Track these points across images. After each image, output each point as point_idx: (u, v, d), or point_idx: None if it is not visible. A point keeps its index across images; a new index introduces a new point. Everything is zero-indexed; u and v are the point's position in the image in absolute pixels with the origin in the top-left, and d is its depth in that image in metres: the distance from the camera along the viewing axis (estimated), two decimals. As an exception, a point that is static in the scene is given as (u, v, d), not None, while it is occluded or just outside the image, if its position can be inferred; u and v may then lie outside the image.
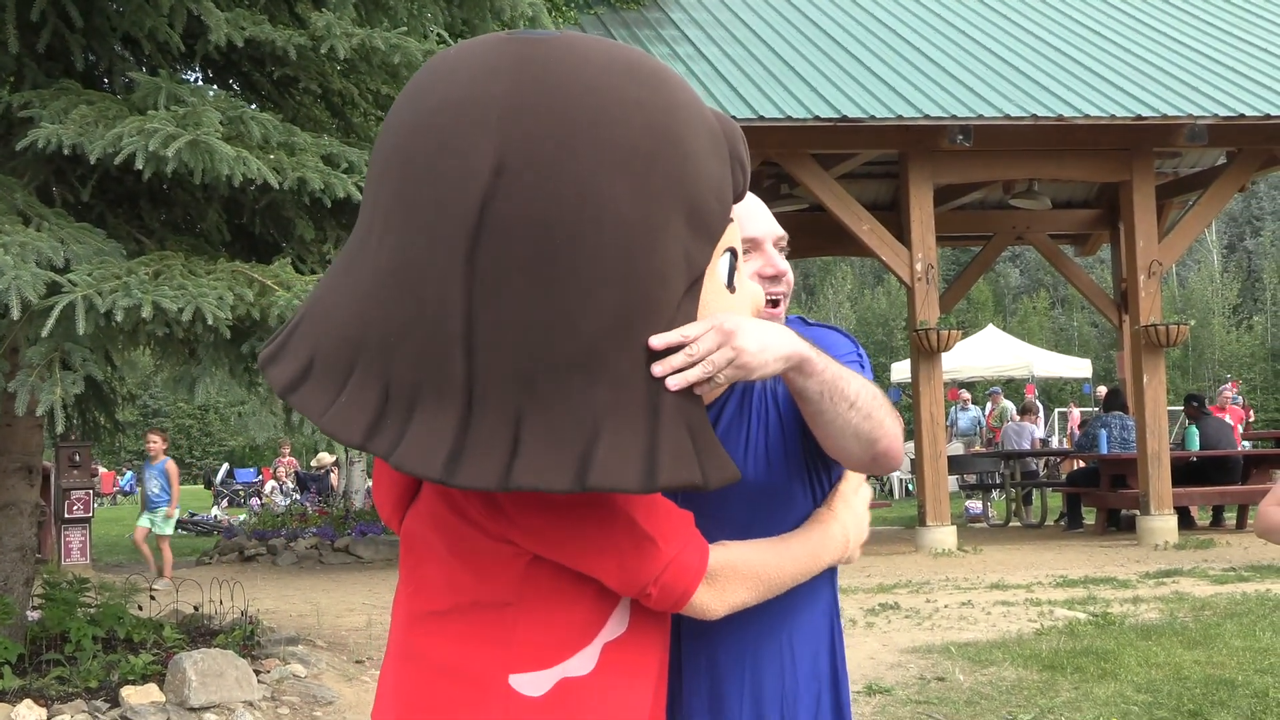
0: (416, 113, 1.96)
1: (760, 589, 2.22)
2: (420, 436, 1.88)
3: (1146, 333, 16.91)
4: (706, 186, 1.99)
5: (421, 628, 2.15)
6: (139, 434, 71.06)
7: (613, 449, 1.88)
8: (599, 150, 1.88)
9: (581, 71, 1.94)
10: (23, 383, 7.05)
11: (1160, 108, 16.38)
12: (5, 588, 8.92)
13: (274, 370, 2.04)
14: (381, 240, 1.95)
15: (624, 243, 1.88)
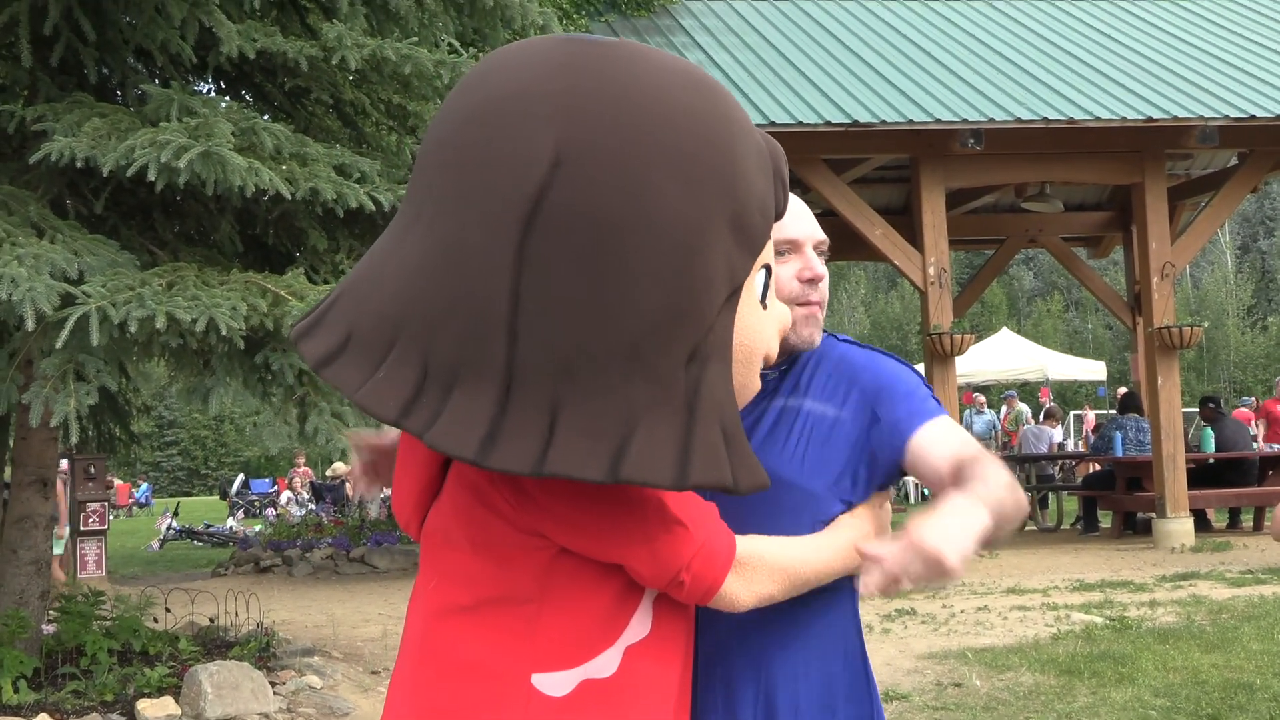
0: (477, 101, 1.99)
1: (786, 583, 2.22)
2: (456, 417, 1.90)
3: (1160, 335, 16.87)
4: (752, 199, 2.02)
5: (442, 625, 2.14)
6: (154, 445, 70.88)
7: (647, 444, 1.90)
8: (655, 151, 1.92)
9: (641, 75, 1.98)
10: (37, 394, 7.06)
11: (1171, 109, 16.36)
12: (21, 601, 8.93)
13: (308, 344, 2.05)
14: (433, 223, 1.97)
15: (673, 243, 1.92)
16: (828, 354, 2.82)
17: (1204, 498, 17.67)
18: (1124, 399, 19.97)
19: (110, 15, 8.48)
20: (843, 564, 2.30)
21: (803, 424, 2.71)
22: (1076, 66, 17.98)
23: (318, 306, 2.12)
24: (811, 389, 2.76)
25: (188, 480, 76.28)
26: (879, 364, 2.78)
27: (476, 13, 9.75)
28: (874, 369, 2.77)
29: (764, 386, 2.74)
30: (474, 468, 2.05)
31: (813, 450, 2.68)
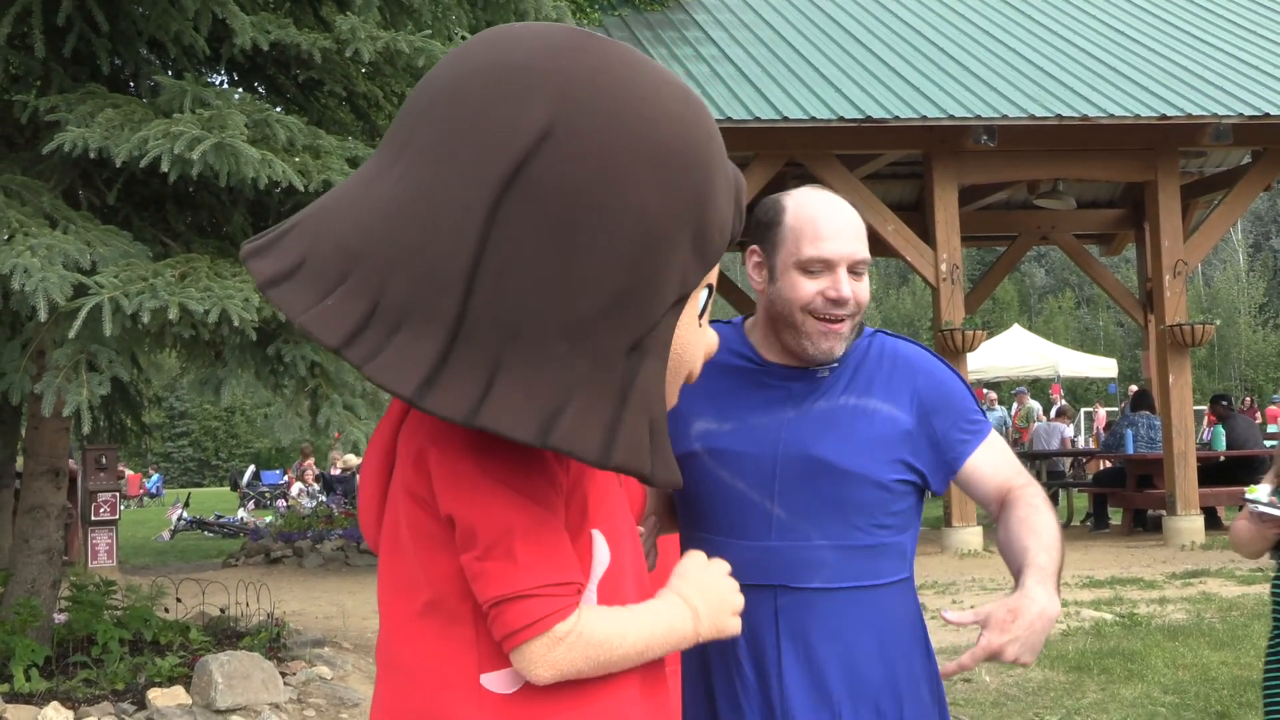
0: (477, 66, 2.03)
1: (593, 665, 2.09)
2: (399, 354, 1.92)
3: (1172, 332, 16.85)
4: (715, 219, 2.08)
5: (398, 634, 2.17)
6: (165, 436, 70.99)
7: (579, 417, 1.94)
8: (640, 146, 1.97)
9: (639, 77, 2.04)
10: (49, 384, 7.08)
11: (1185, 107, 16.33)
12: (32, 590, 8.95)
13: (258, 263, 2.06)
14: (410, 169, 2.00)
15: (639, 235, 1.96)
16: (885, 352, 2.97)
17: (1214, 495, 17.64)
18: (1135, 396, 19.95)
19: (123, 6, 8.49)
20: (653, 645, 2.16)
21: (869, 421, 2.87)
22: (1090, 63, 17.96)
23: (272, 230, 2.13)
24: (875, 388, 2.91)
25: (199, 471, 76.38)
26: (935, 370, 2.97)
27: (490, 6, 9.76)
28: (931, 374, 2.95)
29: (824, 385, 2.91)
30: (409, 471, 2.10)
31: (879, 447, 2.85)
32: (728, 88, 16.15)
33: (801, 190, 2.99)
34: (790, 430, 2.88)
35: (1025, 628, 2.52)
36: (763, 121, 15.26)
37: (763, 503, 2.86)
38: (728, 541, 2.88)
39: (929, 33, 18.97)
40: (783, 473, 2.86)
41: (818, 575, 2.83)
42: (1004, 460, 2.95)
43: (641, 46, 17.57)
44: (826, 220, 2.89)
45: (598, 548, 2.19)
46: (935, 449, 2.90)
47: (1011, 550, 2.75)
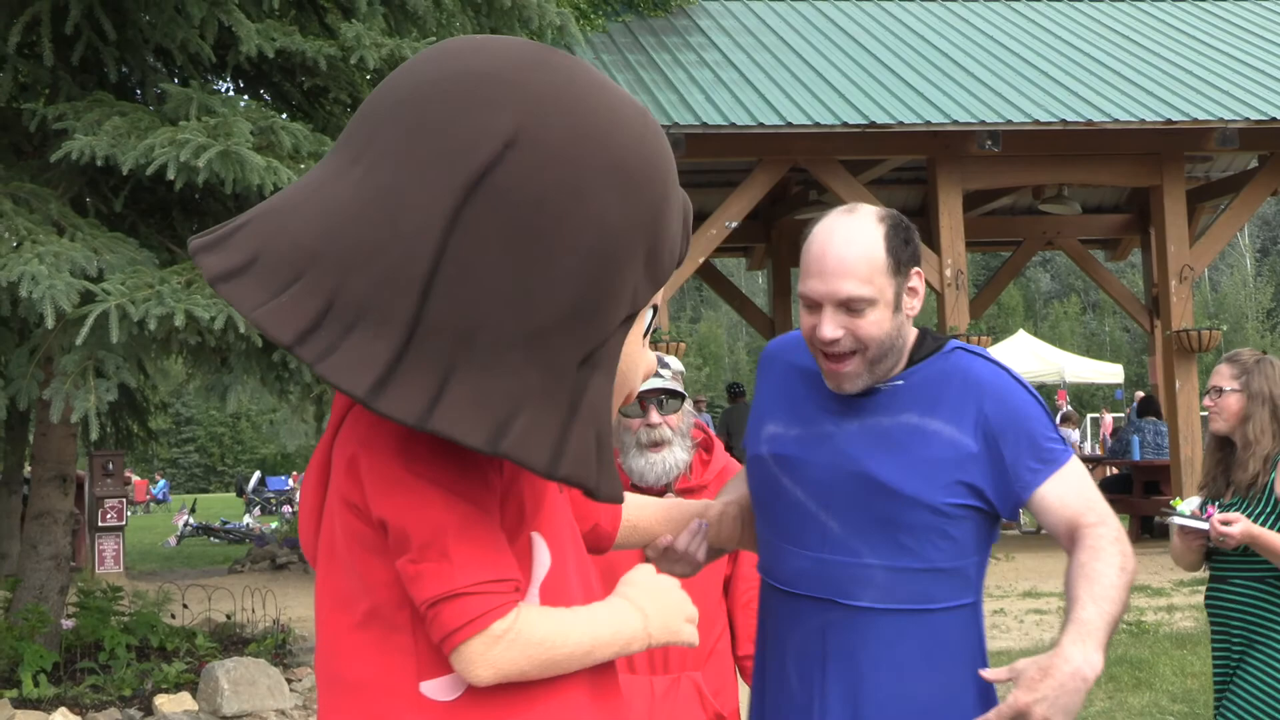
0: (443, 72, 2.02)
1: (536, 665, 2.07)
2: (352, 354, 1.91)
3: (1179, 338, 16.84)
4: (668, 239, 2.09)
5: (337, 647, 2.15)
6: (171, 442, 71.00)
7: (530, 427, 1.94)
8: (603, 161, 1.98)
9: (601, 89, 2.06)
10: (57, 391, 7.10)
11: (1191, 112, 16.33)
12: (40, 596, 8.98)
13: (208, 258, 2.04)
14: (371, 171, 1.99)
15: (597, 249, 1.97)
16: (957, 370, 2.89)
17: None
18: (1142, 402, 19.95)
19: (130, 14, 8.52)
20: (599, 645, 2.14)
21: (927, 442, 2.80)
22: (1095, 68, 17.96)
23: (220, 227, 2.11)
24: (940, 408, 2.83)
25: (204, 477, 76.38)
26: (1006, 393, 2.86)
27: (494, 13, 9.78)
28: (1001, 398, 2.85)
29: (890, 400, 2.85)
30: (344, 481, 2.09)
31: (936, 469, 2.78)
32: (731, 93, 16.16)
33: (829, 215, 2.91)
34: (850, 444, 2.83)
35: (1055, 688, 2.49)
36: (766, 127, 15.26)
37: (818, 514, 2.84)
38: (787, 547, 2.89)
39: (933, 38, 18.98)
40: (839, 487, 2.82)
41: (866, 594, 2.79)
42: (1076, 494, 2.84)
43: (645, 52, 17.60)
44: (818, 256, 2.81)
45: (538, 550, 2.18)
46: (1002, 477, 2.81)
47: (1067, 599, 2.72)
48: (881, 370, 2.83)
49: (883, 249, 2.81)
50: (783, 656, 2.89)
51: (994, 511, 2.85)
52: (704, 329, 78.87)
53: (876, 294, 2.77)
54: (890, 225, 2.86)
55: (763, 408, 3.02)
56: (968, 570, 2.86)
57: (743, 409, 18.63)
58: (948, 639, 2.83)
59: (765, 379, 3.09)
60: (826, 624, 2.82)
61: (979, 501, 2.81)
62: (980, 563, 2.91)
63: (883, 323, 2.78)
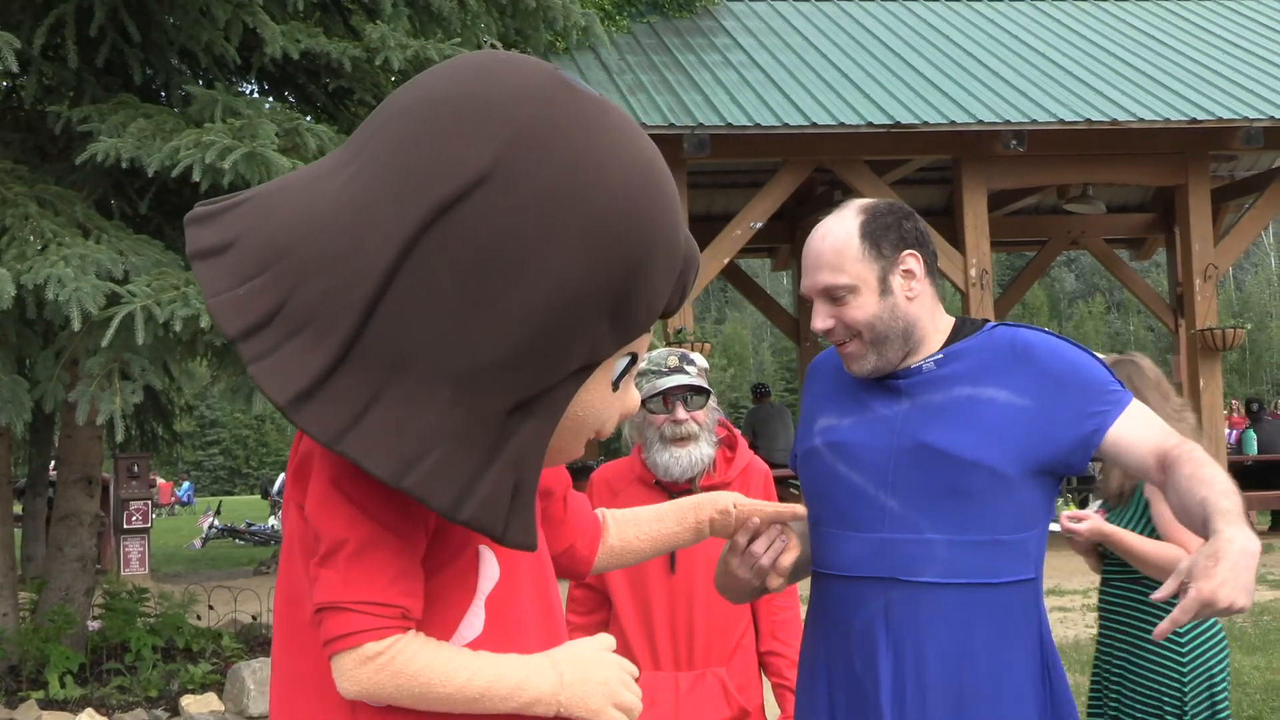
0: (447, 92, 2.01)
1: (408, 696, 2.05)
2: (286, 361, 1.92)
3: (1203, 337, 16.79)
4: (642, 299, 2.05)
5: (291, 644, 2.17)
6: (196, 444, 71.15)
7: (440, 466, 1.93)
8: (577, 208, 1.95)
9: (600, 135, 2.01)
10: (83, 393, 7.12)
11: (1215, 111, 16.28)
12: (66, 598, 9.01)
13: (197, 230, 2.06)
14: (355, 177, 1.99)
15: (554, 299, 1.94)
16: (1003, 340, 2.93)
17: (1246, 500, 17.52)
18: (1167, 401, 19.85)
19: (155, 16, 8.54)
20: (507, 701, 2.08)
21: (984, 409, 2.83)
22: (1119, 67, 17.91)
23: (226, 198, 2.13)
24: (990, 376, 2.87)
25: (229, 479, 76.66)
26: (1058, 349, 2.91)
27: (519, 14, 9.78)
28: (1054, 353, 2.90)
29: (939, 380, 2.90)
30: (294, 480, 2.11)
31: (994, 433, 2.80)
32: (756, 94, 16.15)
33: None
34: (904, 422, 2.88)
35: (1230, 568, 2.43)
36: (791, 128, 15.25)
37: (877, 495, 2.87)
38: (843, 534, 2.91)
39: (957, 38, 18.94)
40: (896, 464, 2.85)
41: (928, 569, 2.80)
42: (1151, 424, 2.85)
43: (670, 53, 17.60)
44: (805, 255, 2.97)
45: (485, 563, 2.18)
46: (1072, 424, 2.82)
47: (1189, 508, 2.66)
48: (891, 352, 2.91)
49: (856, 236, 2.90)
50: (844, 641, 2.90)
51: (1062, 471, 2.85)
52: (729, 330, 78.86)
53: (854, 280, 2.88)
54: (870, 214, 2.94)
55: (812, 409, 3.08)
56: (1028, 544, 2.87)
57: (768, 410, 18.61)
58: (1010, 614, 2.84)
59: (812, 387, 3.15)
60: (889, 603, 2.83)
61: (1042, 462, 2.83)
62: (1040, 536, 2.91)
63: (867, 307, 2.88)
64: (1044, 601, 2.95)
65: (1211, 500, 2.60)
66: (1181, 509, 2.69)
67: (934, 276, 2.98)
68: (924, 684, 2.80)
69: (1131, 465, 2.85)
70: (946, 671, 2.80)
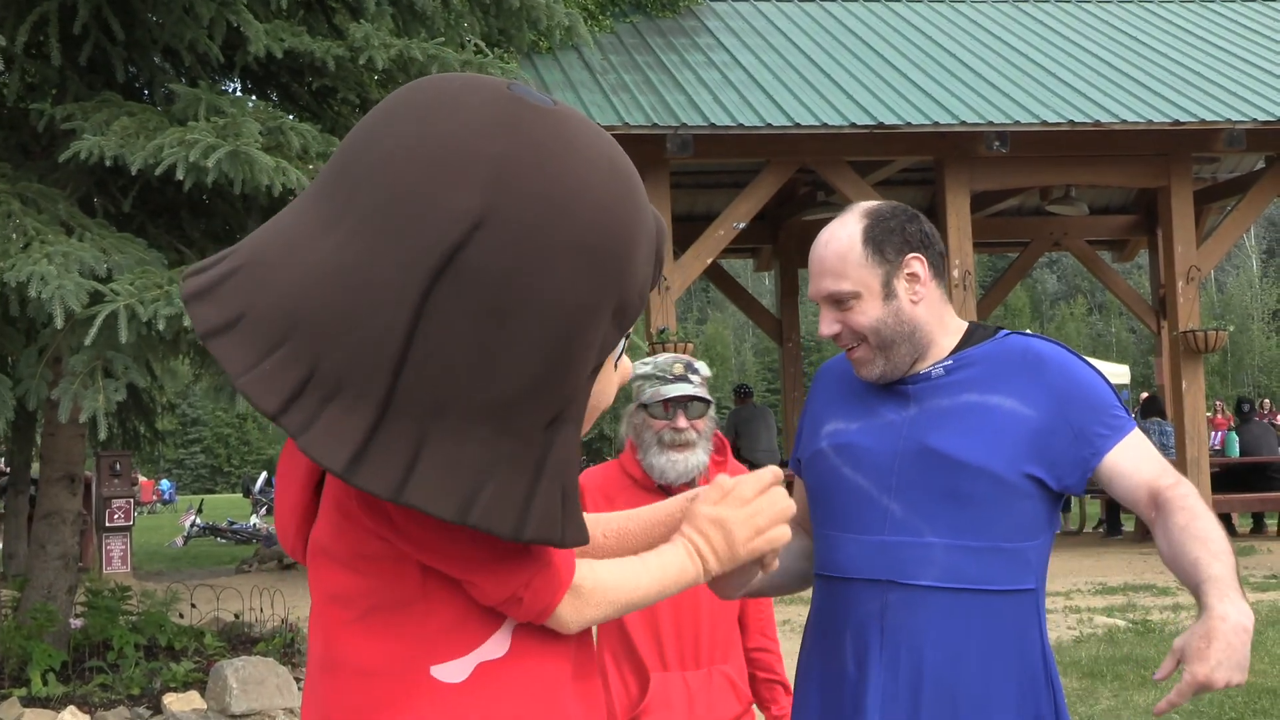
0: (414, 137, 2.08)
1: (616, 609, 2.26)
2: (330, 428, 1.98)
3: (1185, 338, 16.83)
4: (636, 287, 2.16)
5: (338, 638, 2.22)
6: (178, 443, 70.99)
7: (497, 495, 2.02)
8: (566, 238, 2.05)
9: (570, 152, 2.10)
10: (65, 391, 7.11)
11: (1198, 113, 16.32)
12: (49, 596, 8.99)
13: (200, 308, 2.09)
14: (351, 238, 2.04)
15: (560, 322, 2.05)
16: (1015, 350, 2.94)
17: (1228, 502, 17.62)
18: (1146, 403, 19.93)
19: (138, 15, 8.53)
20: (674, 583, 2.30)
21: (990, 416, 2.84)
22: (1102, 69, 17.95)
23: (213, 266, 2.16)
24: (1000, 385, 2.88)
25: (211, 478, 76.53)
26: (1070, 366, 2.91)
27: (502, 13, 9.79)
28: (1065, 369, 2.90)
29: (947, 385, 2.91)
30: (339, 488, 2.17)
31: (999, 441, 2.82)
32: (740, 94, 16.16)
33: None
34: (911, 427, 2.89)
35: (1224, 649, 2.48)
36: (775, 128, 15.27)
37: (880, 498, 2.88)
38: (843, 536, 2.92)
39: (941, 39, 18.98)
40: (901, 467, 2.87)
41: (926, 573, 2.81)
42: (1148, 457, 2.87)
43: (653, 53, 17.61)
44: (810, 261, 2.98)
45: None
46: (1073, 444, 2.83)
47: (1181, 564, 2.69)
48: (899, 357, 2.91)
49: (859, 241, 2.91)
50: (839, 641, 2.91)
51: (1057, 488, 2.86)
52: (711, 330, 78.86)
53: (857, 286, 2.89)
54: (873, 218, 2.95)
55: (819, 413, 3.10)
56: (1028, 554, 2.88)
57: (750, 410, 18.64)
58: (1006, 623, 2.85)
59: (820, 390, 3.17)
60: (885, 605, 2.84)
61: (1044, 474, 2.84)
62: (1042, 547, 2.92)
63: (871, 311, 2.89)
64: (1044, 613, 2.96)
65: (1204, 563, 2.63)
66: (1172, 559, 2.73)
67: (941, 278, 2.97)
68: (916, 687, 2.81)
69: (1123, 495, 2.86)
70: (939, 676, 2.80)
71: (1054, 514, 2.92)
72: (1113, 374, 35.03)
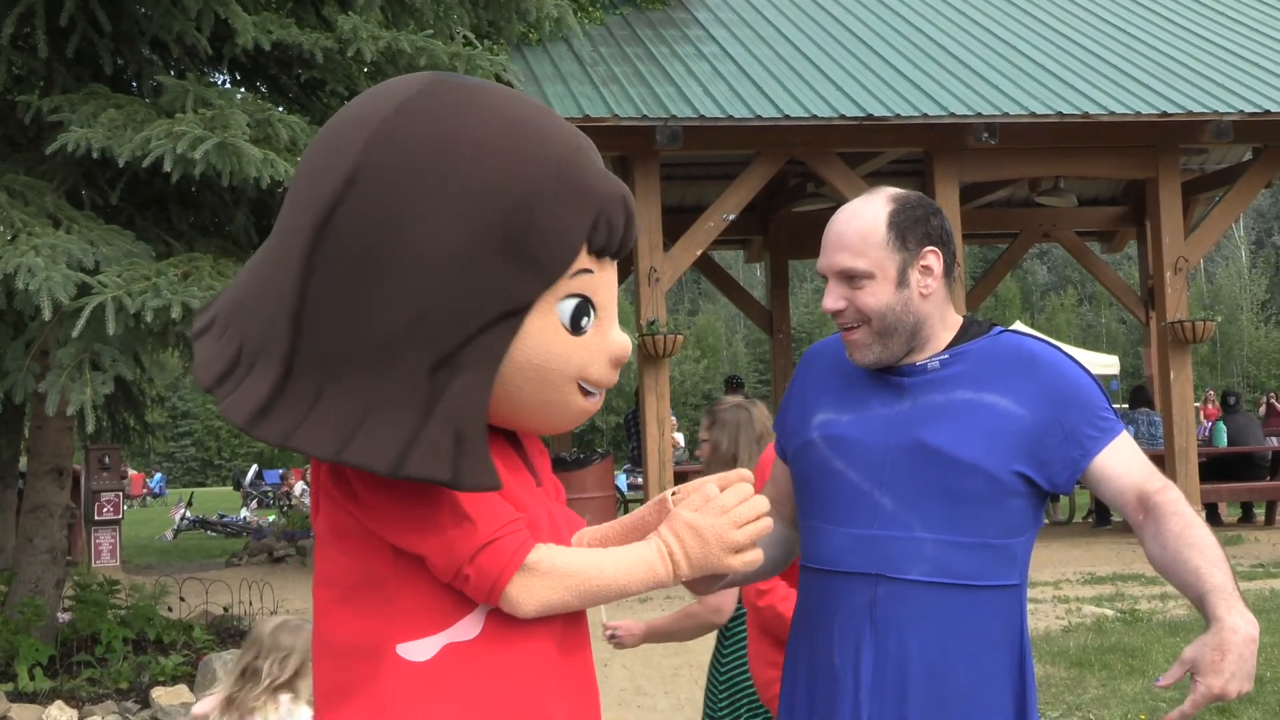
0: (326, 126, 2.32)
1: (575, 594, 2.25)
2: (244, 390, 2.17)
3: (1174, 329, 16.84)
4: (539, 234, 2.21)
5: (322, 620, 2.33)
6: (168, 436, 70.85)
7: (374, 434, 2.12)
8: (433, 182, 2.17)
9: (462, 115, 2.24)
10: (53, 383, 7.10)
11: (1186, 104, 16.33)
12: (37, 590, 8.98)
13: (199, 315, 2.35)
14: (275, 228, 2.30)
15: (432, 264, 2.15)
16: (1009, 348, 2.95)
17: (1216, 492, 17.65)
18: (1135, 393, 19.96)
19: (126, 6, 8.51)
20: (640, 580, 2.27)
21: (983, 413, 2.85)
22: (1091, 60, 17.96)
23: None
24: (994, 383, 2.89)
25: (201, 471, 76.41)
26: (1062, 366, 2.93)
27: (492, 5, 9.78)
28: (1058, 370, 2.92)
29: (941, 380, 2.92)
30: (321, 469, 2.29)
31: (992, 438, 2.82)
32: (729, 86, 16.15)
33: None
34: (903, 421, 2.89)
35: (1236, 661, 2.57)
36: (764, 119, 15.26)
37: (871, 491, 2.87)
38: (833, 529, 2.91)
39: (930, 30, 18.98)
40: (892, 461, 2.87)
41: (915, 567, 2.82)
42: (1136, 459, 2.91)
43: (643, 45, 17.59)
44: (826, 233, 2.96)
45: None
46: (1063, 444, 2.85)
47: (1179, 573, 2.75)
48: (895, 346, 2.91)
49: (884, 224, 2.90)
50: (827, 634, 2.91)
51: (1047, 487, 2.88)
52: (702, 321, 78.87)
53: (873, 267, 2.88)
54: (901, 204, 2.95)
55: (808, 400, 3.07)
56: (1014, 550, 2.90)
57: (739, 401, 18.61)
58: (993, 619, 2.86)
59: (808, 375, 3.15)
60: (874, 599, 2.85)
61: (1035, 473, 2.85)
62: (1026, 544, 2.95)
63: (881, 296, 2.88)
64: (1026, 608, 2.98)
65: (1206, 572, 2.70)
66: (1167, 566, 2.78)
67: (950, 276, 2.98)
68: (905, 680, 2.81)
69: (1110, 496, 2.90)
70: (928, 670, 2.81)
71: (1040, 511, 2.95)
72: (1102, 364, 35.11)
